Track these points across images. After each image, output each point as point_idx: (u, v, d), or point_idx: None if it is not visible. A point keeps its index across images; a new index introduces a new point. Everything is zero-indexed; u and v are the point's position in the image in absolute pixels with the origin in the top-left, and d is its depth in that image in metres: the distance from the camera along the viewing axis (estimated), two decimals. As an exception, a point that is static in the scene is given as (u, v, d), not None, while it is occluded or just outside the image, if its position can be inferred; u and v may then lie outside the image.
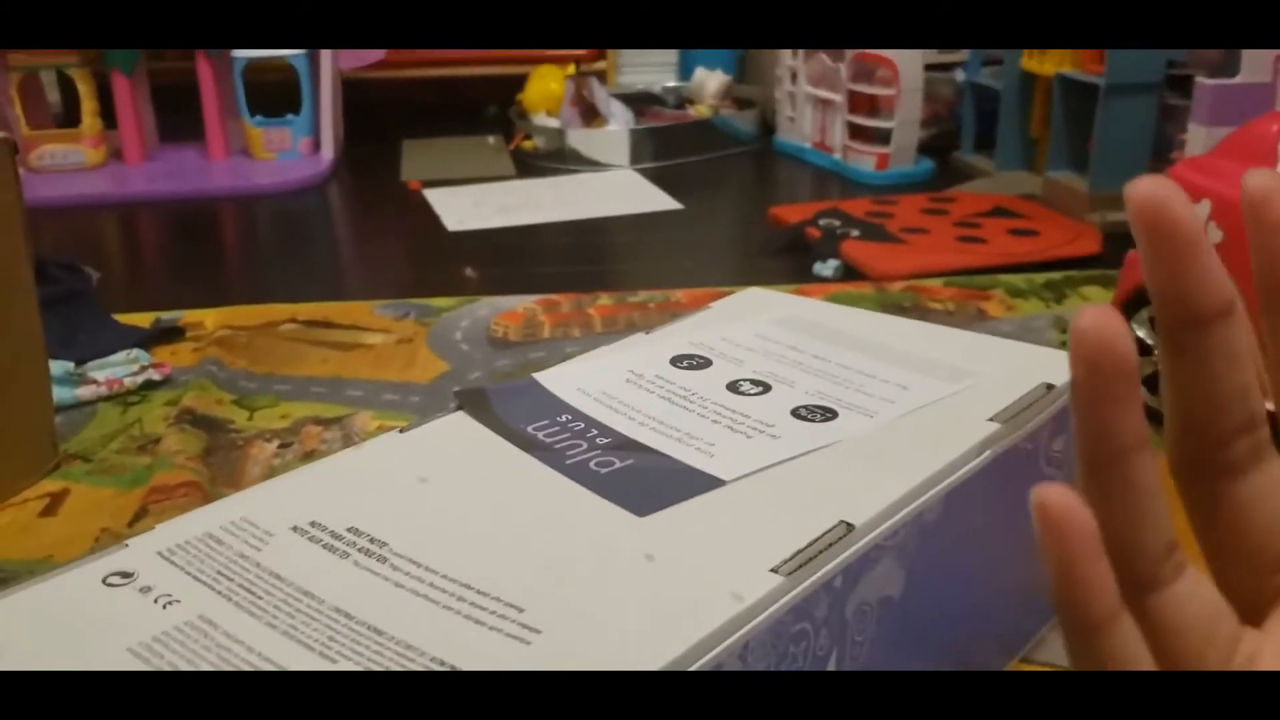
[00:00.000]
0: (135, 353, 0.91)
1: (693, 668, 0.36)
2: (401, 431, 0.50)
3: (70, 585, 0.39)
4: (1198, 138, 0.98)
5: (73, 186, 1.52)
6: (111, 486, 0.73)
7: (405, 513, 0.43)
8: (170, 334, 0.98)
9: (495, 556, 0.41)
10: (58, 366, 0.84)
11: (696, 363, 0.55)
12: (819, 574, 0.40)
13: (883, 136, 1.46)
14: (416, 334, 0.98)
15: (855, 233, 1.16)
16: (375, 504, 0.44)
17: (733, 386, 0.53)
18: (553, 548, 0.41)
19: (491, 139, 1.80)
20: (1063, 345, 0.92)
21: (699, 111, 1.74)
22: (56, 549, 0.66)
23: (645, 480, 0.45)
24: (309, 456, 0.76)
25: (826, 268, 1.10)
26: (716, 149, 1.69)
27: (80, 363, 0.89)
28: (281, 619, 0.37)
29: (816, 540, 0.41)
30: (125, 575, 0.39)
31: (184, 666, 0.35)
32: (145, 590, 0.39)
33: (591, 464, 0.46)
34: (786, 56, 1.65)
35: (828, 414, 0.50)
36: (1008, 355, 0.57)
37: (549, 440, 0.48)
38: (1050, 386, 0.52)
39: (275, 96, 1.63)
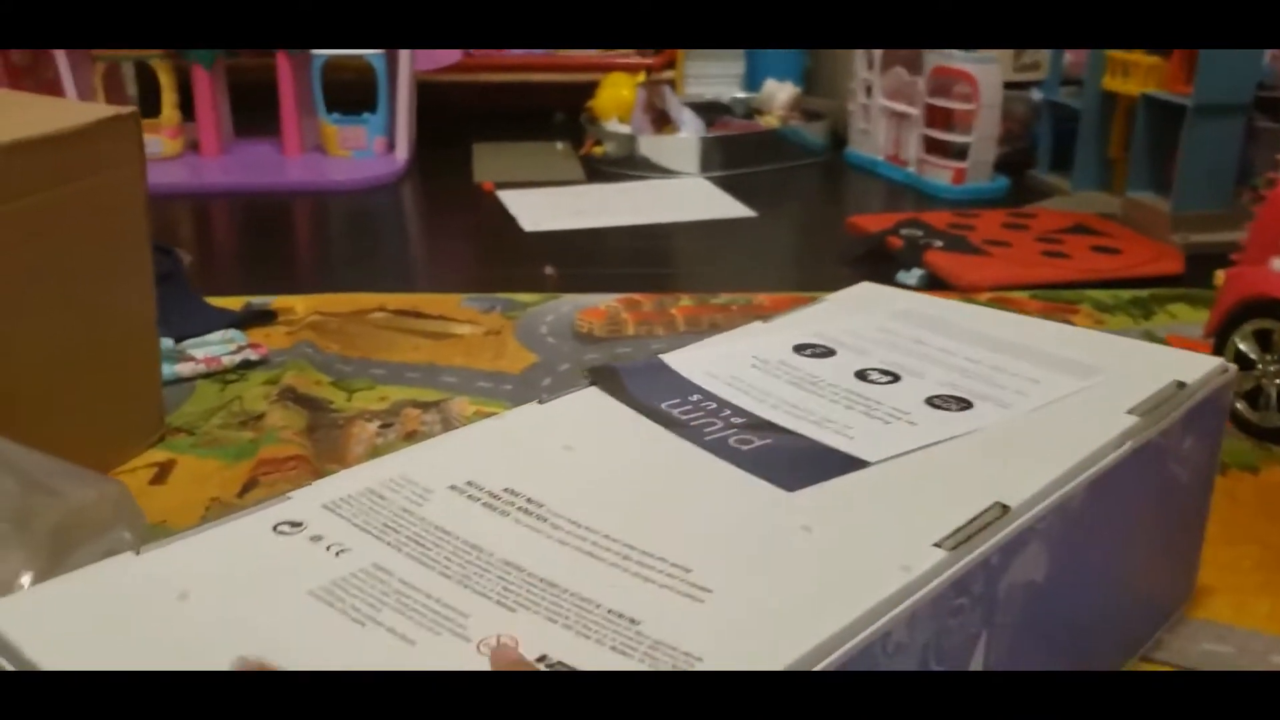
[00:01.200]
0: (231, 333, 0.92)
1: (863, 634, 0.36)
2: (540, 403, 0.51)
3: (243, 531, 0.41)
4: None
5: (151, 176, 1.54)
6: (217, 459, 0.74)
7: (557, 477, 0.44)
8: (262, 317, 0.99)
9: (651, 521, 0.42)
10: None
11: (820, 351, 0.56)
12: (978, 551, 0.41)
13: (959, 151, 1.46)
14: (504, 326, 0.99)
15: (939, 243, 1.16)
16: (526, 468, 0.45)
17: (861, 375, 0.54)
18: (707, 515, 0.43)
19: (560, 145, 1.81)
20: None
21: (768, 122, 1.75)
22: (169, 515, 0.67)
23: (788, 458, 0.46)
24: (410, 437, 0.77)
25: (910, 276, 1.10)
26: (786, 159, 1.69)
27: (176, 341, 0.90)
28: (454, 569, 0.39)
29: (975, 519, 0.42)
30: (294, 524, 0.41)
31: (365, 610, 0.36)
32: (316, 539, 0.40)
33: (730, 441, 0.47)
34: (861, 69, 1.66)
35: (963, 404, 0.51)
36: (1134, 354, 0.58)
37: (684, 417, 0.49)
38: (1181, 385, 0.53)
39: (352, 95, 1.65)
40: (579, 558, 0.39)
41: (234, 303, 1.02)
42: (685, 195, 1.54)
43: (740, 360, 0.55)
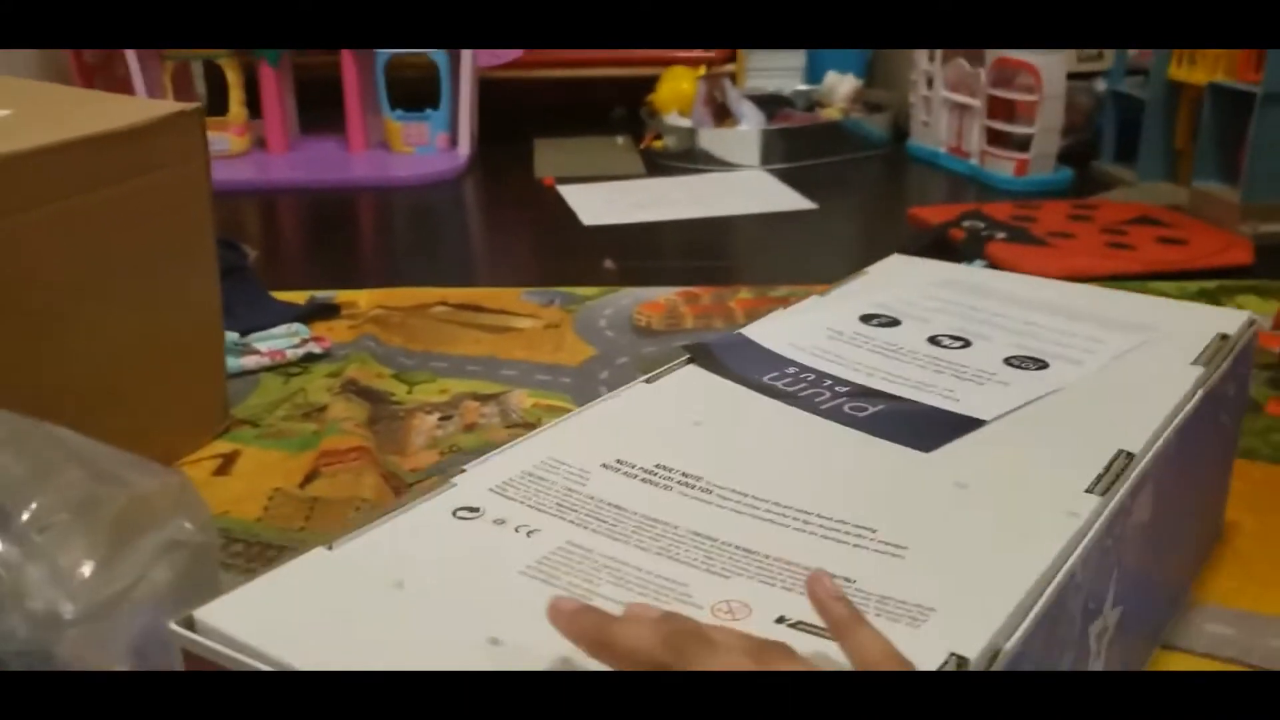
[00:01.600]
0: (296, 326, 0.94)
1: (1060, 574, 0.38)
2: (647, 381, 0.52)
3: (425, 519, 0.41)
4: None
5: (218, 172, 1.55)
6: (280, 450, 0.76)
7: (700, 451, 0.45)
8: (326, 311, 1.01)
9: (808, 486, 0.43)
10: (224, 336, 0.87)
11: (886, 320, 0.58)
12: (1118, 496, 0.43)
13: (1022, 143, 1.44)
14: (563, 320, 1.00)
15: (1001, 235, 1.15)
16: (666, 444, 0.46)
17: (934, 341, 0.56)
18: (860, 479, 0.44)
19: (620, 139, 1.82)
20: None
21: (829, 114, 1.74)
22: (232, 505, 0.68)
23: (908, 422, 0.48)
24: (469, 430, 0.78)
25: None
26: (847, 151, 1.68)
27: (242, 334, 0.92)
28: (649, 543, 0.39)
29: (1109, 466, 0.44)
30: (471, 509, 0.41)
31: (584, 585, 0.37)
32: (499, 522, 0.40)
33: (845, 408, 0.49)
34: (923, 61, 1.64)
35: (1039, 363, 0.53)
36: (1173, 312, 0.60)
37: (789, 389, 0.51)
38: (1225, 336, 0.56)
39: (415, 91, 1.67)
40: (762, 525, 0.41)
41: (298, 297, 1.04)
42: (745, 188, 1.54)
43: (817, 331, 0.57)
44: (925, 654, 0.33)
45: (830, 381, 0.51)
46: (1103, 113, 1.52)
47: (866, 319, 0.58)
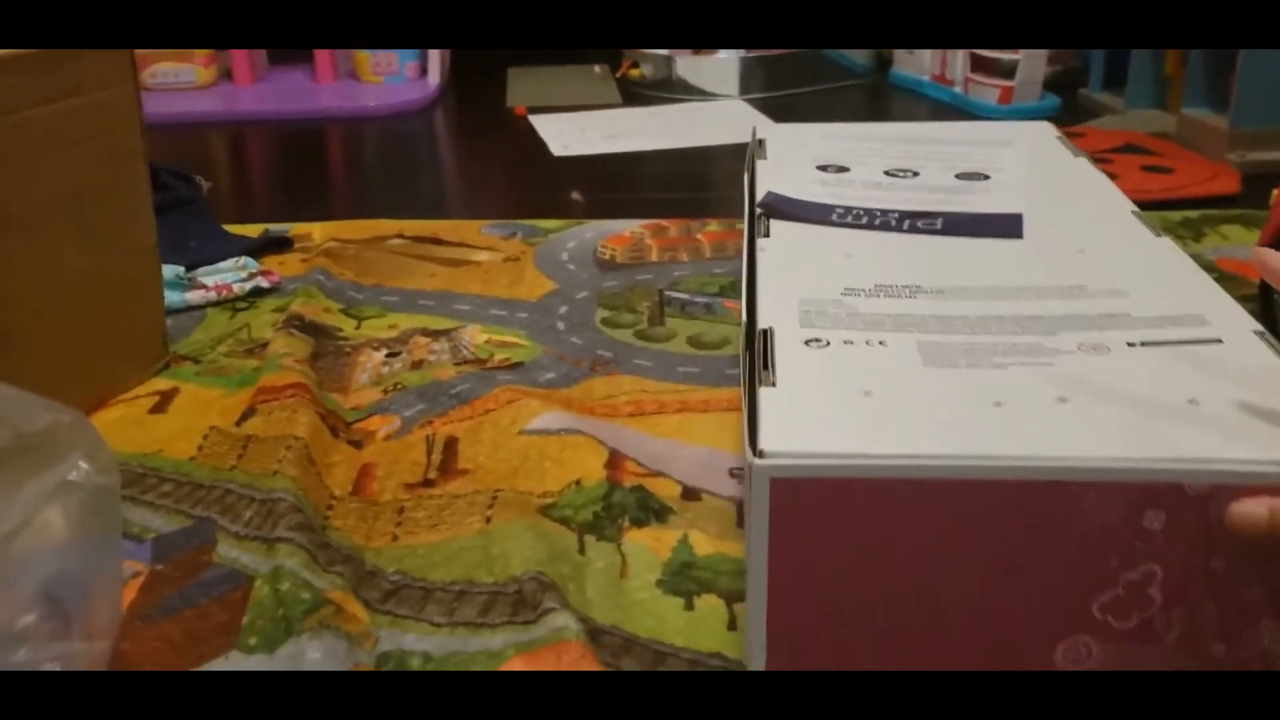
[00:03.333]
0: (244, 260, 0.91)
1: None
2: (764, 238, 0.56)
3: (795, 357, 0.43)
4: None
5: (184, 104, 1.53)
6: (220, 387, 0.73)
7: (879, 271, 0.51)
8: (279, 244, 0.98)
9: (989, 277, 0.50)
10: (168, 270, 0.84)
11: (837, 168, 0.66)
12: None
13: (1007, 70, 1.40)
14: (524, 253, 0.97)
15: (978, 164, 1.11)
16: (851, 271, 0.51)
17: (890, 174, 0.64)
18: (1014, 263, 0.51)
19: (597, 68, 1.77)
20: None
21: (812, 43, 1.69)
22: (166, 444, 0.66)
23: (976, 223, 0.56)
24: (416, 367, 0.75)
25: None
26: (829, 80, 1.64)
27: (191, 268, 0.89)
28: (970, 326, 0.45)
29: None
30: (816, 340, 0.44)
31: (985, 361, 0.42)
32: (848, 343, 0.44)
33: (918, 225, 0.56)
34: (906, -14, 1.59)
35: (983, 175, 0.63)
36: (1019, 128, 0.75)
37: (859, 222, 0.57)
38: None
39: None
40: (1014, 304, 0.47)
41: (254, 230, 1.01)
42: (722, 118, 1.50)
43: (813, 183, 0.64)
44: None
45: (878, 211, 0.58)
46: (1091, 38, 1.48)
47: (822, 169, 0.65)
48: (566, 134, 1.40)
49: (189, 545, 0.56)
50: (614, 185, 1.21)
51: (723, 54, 1.62)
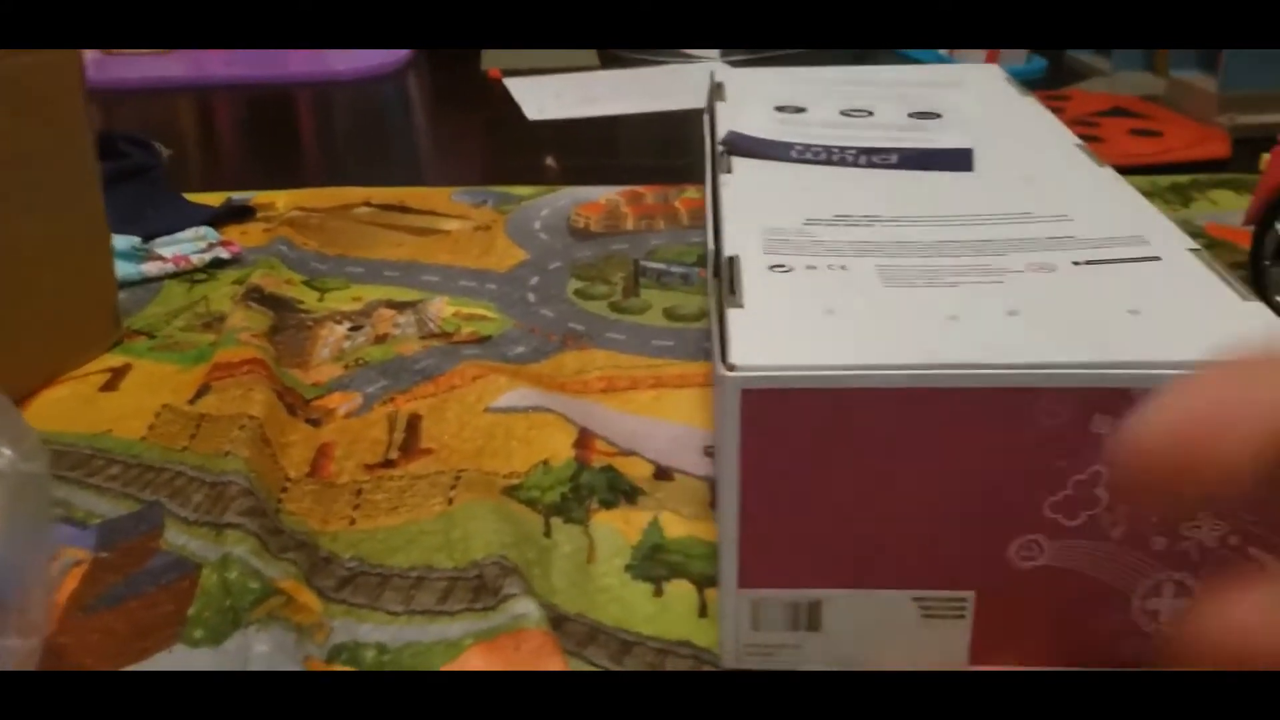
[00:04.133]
0: (204, 230, 0.88)
1: None
2: (727, 174, 0.57)
3: (760, 285, 0.44)
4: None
5: (149, 69, 1.49)
6: (174, 363, 0.70)
7: (838, 203, 0.52)
8: (241, 213, 0.94)
9: (942, 206, 0.51)
10: (123, 241, 0.81)
11: (795, 109, 0.67)
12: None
13: (991, 31, 1.37)
14: (495, 221, 0.94)
15: (962, 128, 1.08)
16: (812, 204, 0.52)
17: (845, 114, 0.66)
18: (963, 194, 0.53)
19: (576, 31, 1.73)
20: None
21: (794, 5, 1.66)
22: (115, 423, 0.63)
23: (928, 158, 0.57)
24: (380, 341, 0.72)
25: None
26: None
27: (148, 239, 0.86)
28: (925, 251, 0.46)
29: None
30: (779, 266, 0.46)
31: (938, 282, 0.44)
32: (811, 268, 0.45)
33: (873, 161, 0.58)
34: (890, -55, 1.55)
35: (935, 114, 0.65)
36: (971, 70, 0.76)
37: (818, 159, 0.58)
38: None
39: (355, -20, 1.58)
40: (968, 229, 0.49)
41: (217, 199, 0.97)
42: (704, 81, 1.46)
43: (772, 122, 0.65)
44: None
45: (837, 148, 0.59)
46: (1078, -1, 1.45)
47: (781, 109, 0.66)
48: (542, 97, 1.37)
49: (136, 531, 0.53)
50: (590, 150, 1.18)
51: (702, 16, 1.58)
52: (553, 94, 1.38)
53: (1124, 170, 1.00)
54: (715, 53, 1.55)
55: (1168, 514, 0.41)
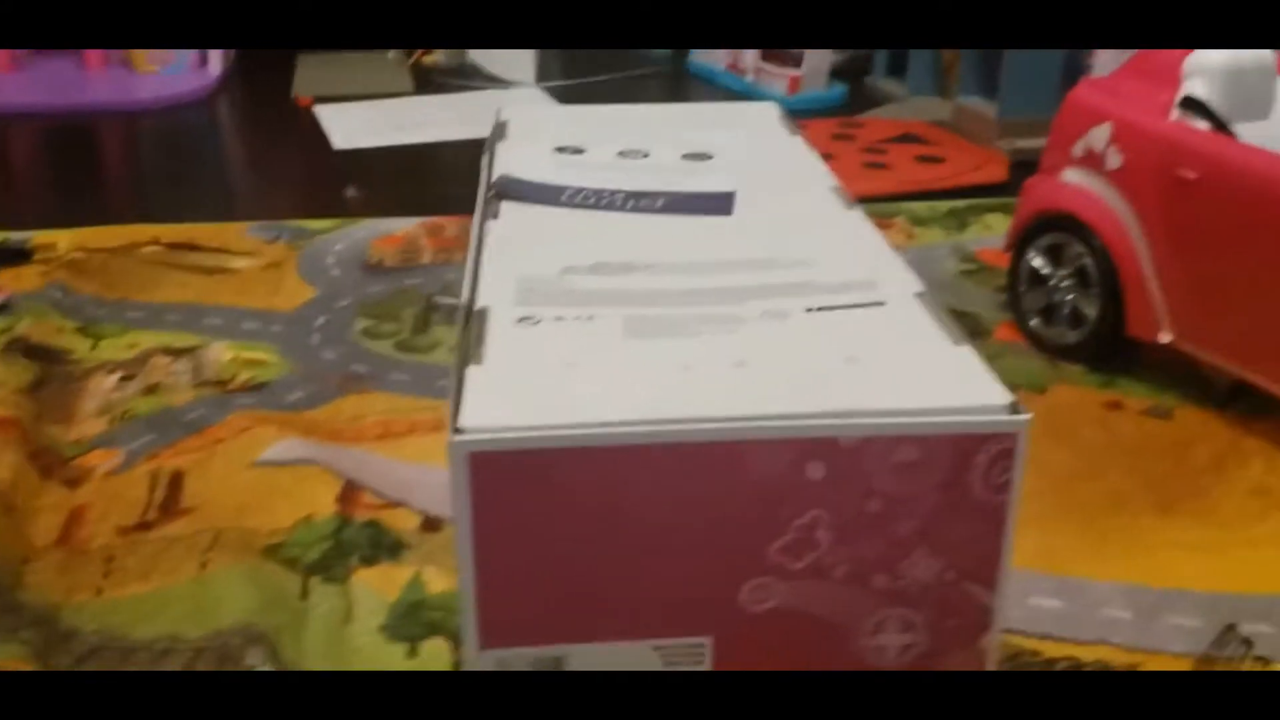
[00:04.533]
0: (-28, 276, 0.84)
1: None
2: (494, 219, 0.55)
3: (502, 333, 0.43)
4: (1105, 60, 0.95)
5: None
6: (-72, 423, 0.67)
7: (599, 249, 0.51)
8: (15, 256, 0.91)
9: (699, 252, 0.51)
10: (-120, 291, 0.77)
11: (574, 150, 0.66)
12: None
13: (795, 59, 1.41)
14: (287, 258, 0.92)
15: (757, 156, 1.11)
16: (573, 250, 0.51)
17: (622, 155, 0.64)
18: (721, 239, 0.53)
19: (392, 54, 1.71)
20: (961, 274, 0.89)
21: (609, 29, 1.67)
22: None
23: (692, 202, 0.57)
24: (150, 392, 0.70)
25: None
26: (628, 68, 1.62)
27: (-89, 287, 0.82)
28: (673, 301, 0.46)
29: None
30: (528, 318, 0.45)
31: (683, 331, 0.44)
32: (559, 319, 0.44)
33: (640, 205, 0.57)
34: (699, -28, 1.58)
35: (706, 155, 0.64)
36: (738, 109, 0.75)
37: (588, 203, 0.58)
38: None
39: (157, 4, 1.53)
40: (715, 276, 0.49)
41: (-6, 240, 0.93)
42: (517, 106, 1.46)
43: (549, 165, 0.63)
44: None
45: (608, 191, 0.59)
46: (877, 25, 1.50)
47: (560, 150, 0.65)
48: (351, 125, 1.35)
49: None
50: (397, 180, 1.17)
51: (517, 40, 1.59)
52: (362, 121, 1.37)
53: (908, 197, 1.05)
54: (531, 77, 1.55)
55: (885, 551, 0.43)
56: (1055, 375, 0.73)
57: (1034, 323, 0.77)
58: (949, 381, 0.43)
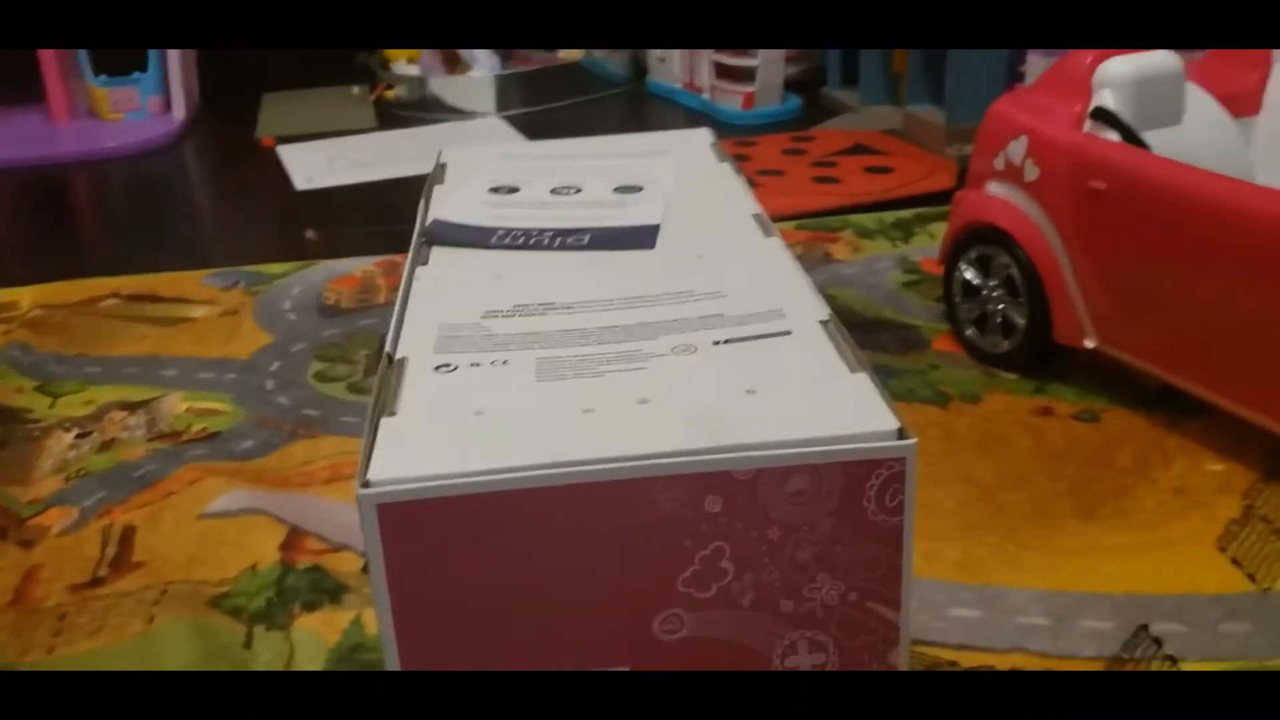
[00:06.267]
0: (-66, 340, 0.86)
1: None
2: (423, 265, 0.56)
3: (421, 382, 0.44)
4: (1036, 68, 0.96)
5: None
6: (-111, 490, 0.68)
7: (524, 291, 0.52)
8: (-22, 317, 0.92)
9: (620, 287, 0.52)
10: None
11: (508, 189, 0.67)
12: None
13: (748, 75, 1.43)
14: (243, 305, 0.94)
15: (706, 178, 1.13)
16: (496, 293, 0.52)
17: (556, 192, 0.66)
18: (639, 273, 0.54)
19: (357, 89, 1.73)
20: (904, 286, 0.91)
21: (568, 54, 1.69)
22: None
23: (617, 238, 0.58)
24: (106, 448, 0.72)
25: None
26: (588, 92, 1.64)
27: (-126, 354, 0.83)
28: (584, 341, 0.47)
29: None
30: (445, 366, 0.45)
31: (587, 373, 0.44)
32: (475, 365, 0.45)
33: (567, 242, 0.58)
34: (652, -7, 1.60)
35: (637, 188, 0.65)
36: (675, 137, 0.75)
37: (518, 242, 0.59)
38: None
39: (123, 53, 1.55)
40: (629, 312, 0.50)
41: (-43, 300, 0.95)
42: (478, 138, 1.49)
43: (480, 208, 0.64)
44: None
45: (537, 231, 0.60)
46: (829, 37, 1.52)
47: (495, 190, 0.67)
48: (313, 164, 1.37)
49: None
50: (357, 218, 1.19)
51: (477, 72, 1.61)
52: (324, 160, 1.39)
53: (857, 209, 1.07)
54: (491, 106, 1.57)
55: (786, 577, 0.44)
56: (990, 384, 0.75)
57: (969, 332, 0.78)
58: (842, 409, 0.45)
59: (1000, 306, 0.76)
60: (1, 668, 0.52)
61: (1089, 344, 0.70)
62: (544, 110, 1.58)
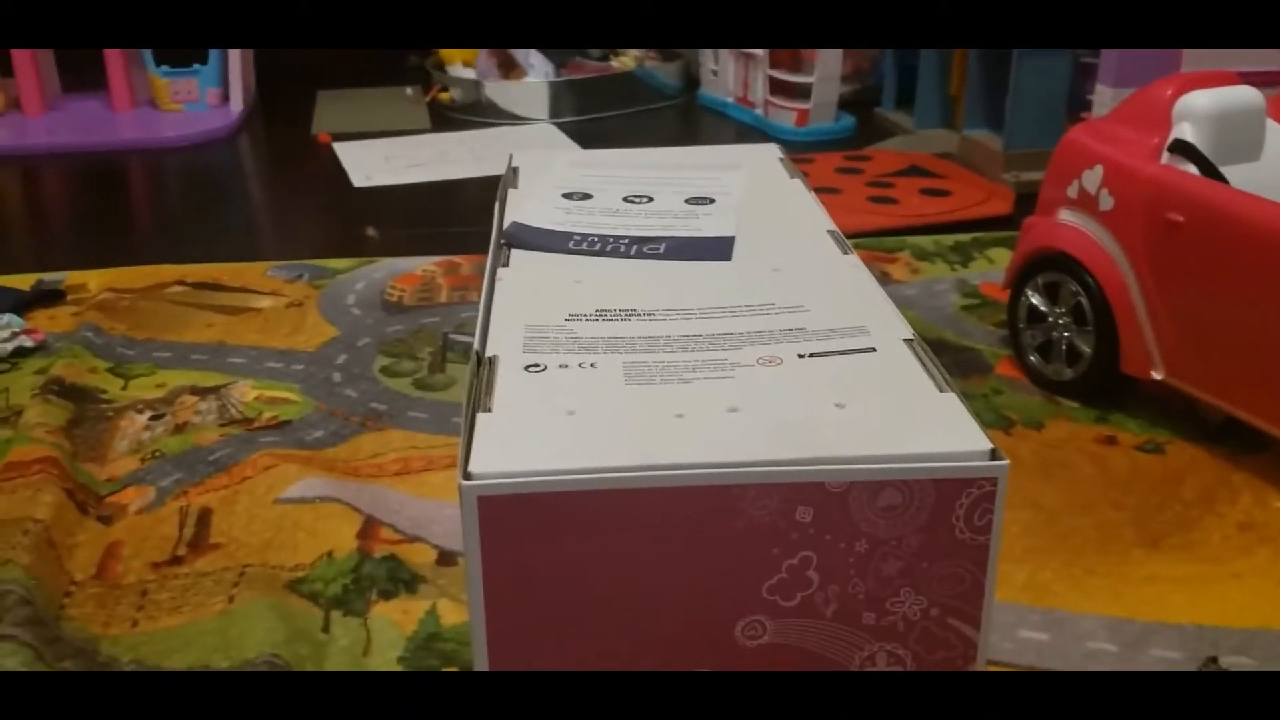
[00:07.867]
0: (8, 318, 0.87)
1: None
2: (504, 267, 0.57)
3: (514, 385, 0.45)
4: (1104, 99, 0.97)
5: (-32, 137, 1.47)
6: (-32, 462, 0.70)
7: (603, 297, 0.52)
8: (50, 297, 0.94)
9: (698, 296, 0.52)
10: (-79, 333, 0.81)
11: (581, 195, 0.67)
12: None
13: (803, 92, 1.44)
14: (308, 297, 0.95)
15: (765, 193, 1.14)
16: (578, 297, 0.52)
17: (628, 200, 0.66)
18: (717, 283, 0.54)
19: (410, 90, 1.75)
20: (963, 309, 0.91)
21: (623, 64, 1.71)
22: (-99, 530, 0.63)
23: (692, 247, 0.58)
24: (179, 430, 0.73)
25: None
26: (640, 103, 1.65)
27: (-51, 328, 0.85)
28: (671, 347, 0.47)
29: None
30: (535, 366, 0.46)
31: (674, 379, 0.45)
32: (564, 366, 0.46)
33: (643, 251, 0.58)
34: (710, 8, 1.62)
35: (709, 199, 0.65)
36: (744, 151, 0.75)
37: (594, 249, 0.59)
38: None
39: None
40: (711, 322, 0.50)
41: (28, 280, 0.97)
42: (532, 143, 1.50)
43: (556, 212, 0.65)
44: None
45: (612, 238, 0.60)
46: (884, 59, 1.53)
47: (568, 196, 0.67)
48: (370, 163, 1.39)
49: (-88, 644, 0.53)
50: (415, 218, 1.20)
51: (532, 77, 1.62)
52: (381, 159, 1.40)
53: (914, 230, 1.07)
54: (545, 113, 1.59)
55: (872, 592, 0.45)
56: (1053, 410, 0.75)
57: (1033, 359, 0.79)
58: (933, 427, 0.46)
59: (1066, 334, 0.76)
60: (86, 638, 0.53)
61: (1156, 375, 0.70)
62: (596, 119, 1.59)
